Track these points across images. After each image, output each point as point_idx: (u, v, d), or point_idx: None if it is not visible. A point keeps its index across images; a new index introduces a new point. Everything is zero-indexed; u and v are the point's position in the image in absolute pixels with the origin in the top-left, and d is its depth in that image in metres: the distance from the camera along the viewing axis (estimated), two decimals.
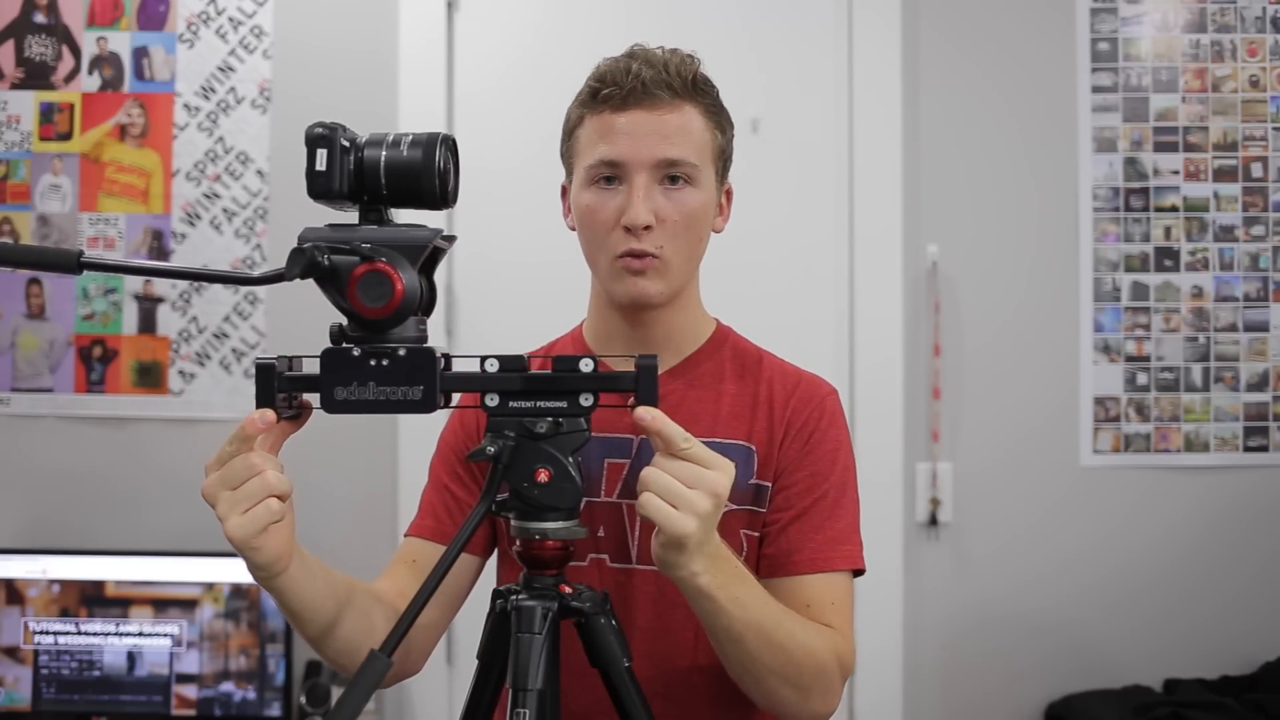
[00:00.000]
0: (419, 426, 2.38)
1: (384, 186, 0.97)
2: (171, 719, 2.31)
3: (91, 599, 2.33)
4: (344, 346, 0.97)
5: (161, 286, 2.51)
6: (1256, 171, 2.52)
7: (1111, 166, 2.52)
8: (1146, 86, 2.52)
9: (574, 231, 1.30)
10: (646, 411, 0.99)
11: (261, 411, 0.97)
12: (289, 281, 0.94)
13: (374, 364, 0.96)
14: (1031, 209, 2.53)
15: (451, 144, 1.00)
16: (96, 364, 2.51)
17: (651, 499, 0.99)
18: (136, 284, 2.52)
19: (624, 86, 1.22)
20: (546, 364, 1.02)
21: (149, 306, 2.51)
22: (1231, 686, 2.40)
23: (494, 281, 2.53)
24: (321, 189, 0.96)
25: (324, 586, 1.10)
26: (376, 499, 2.49)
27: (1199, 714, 2.22)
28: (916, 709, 2.51)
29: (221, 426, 2.43)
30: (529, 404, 1.00)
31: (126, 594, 2.33)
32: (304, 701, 2.30)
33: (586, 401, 1.00)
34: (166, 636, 2.32)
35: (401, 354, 0.96)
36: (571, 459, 1.00)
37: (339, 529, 2.42)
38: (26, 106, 2.52)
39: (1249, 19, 2.52)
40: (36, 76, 2.52)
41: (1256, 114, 2.52)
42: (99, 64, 2.52)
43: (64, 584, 2.34)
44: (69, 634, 2.33)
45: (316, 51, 2.52)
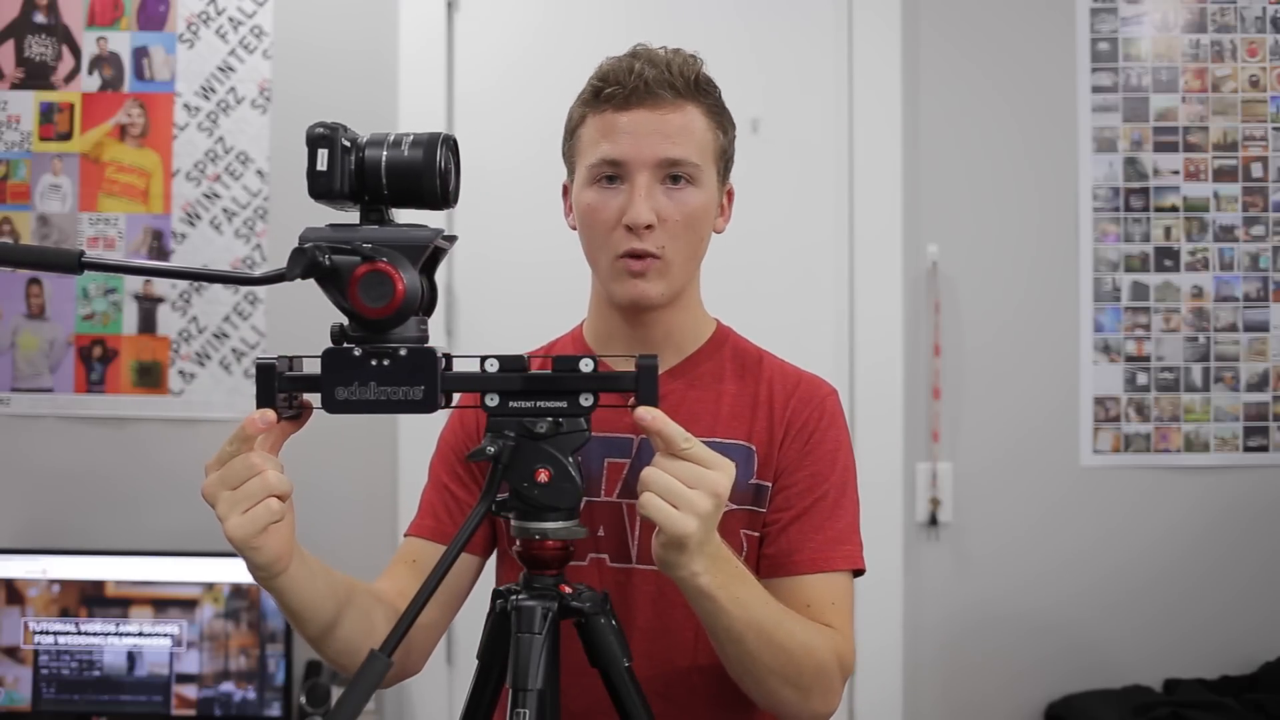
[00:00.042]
0: (419, 426, 2.38)
1: (385, 186, 0.97)
2: (171, 719, 2.32)
3: (91, 599, 2.33)
4: (345, 346, 0.97)
5: (161, 286, 2.51)
6: (1256, 171, 2.52)
7: (1111, 166, 2.52)
8: (1146, 86, 2.52)
9: (575, 231, 1.30)
10: (647, 411, 0.99)
11: (262, 411, 0.97)
12: (290, 281, 0.94)
13: (375, 364, 0.96)
14: (1031, 209, 2.53)
15: (453, 144, 1.00)
16: (96, 364, 2.51)
17: (652, 499, 0.99)
18: (136, 284, 2.52)
19: (627, 86, 1.22)
20: (546, 364, 1.02)
21: (149, 306, 2.51)
22: (1231, 686, 2.40)
23: (494, 281, 2.53)
24: (322, 189, 0.96)
25: (324, 586, 1.10)
26: (376, 499, 2.49)
27: (1199, 714, 2.22)
28: (916, 709, 2.51)
29: (221, 426, 2.43)
30: (529, 404, 1.00)
31: (126, 594, 2.33)
32: (304, 701, 2.30)
33: (586, 401, 1.00)
34: (166, 636, 2.32)
35: (403, 354, 0.96)
36: (571, 459, 1.00)
37: (339, 529, 2.42)
38: (26, 106, 2.52)
39: (1249, 19, 2.52)
40: (36, 76, 2.52)
41: (1256, 114, 2.52)
42: (99, 64, 2.52)
43: (64, 584, 2.34)
44: (69, 634, 2.33)
45: (316, 51, 2.52)
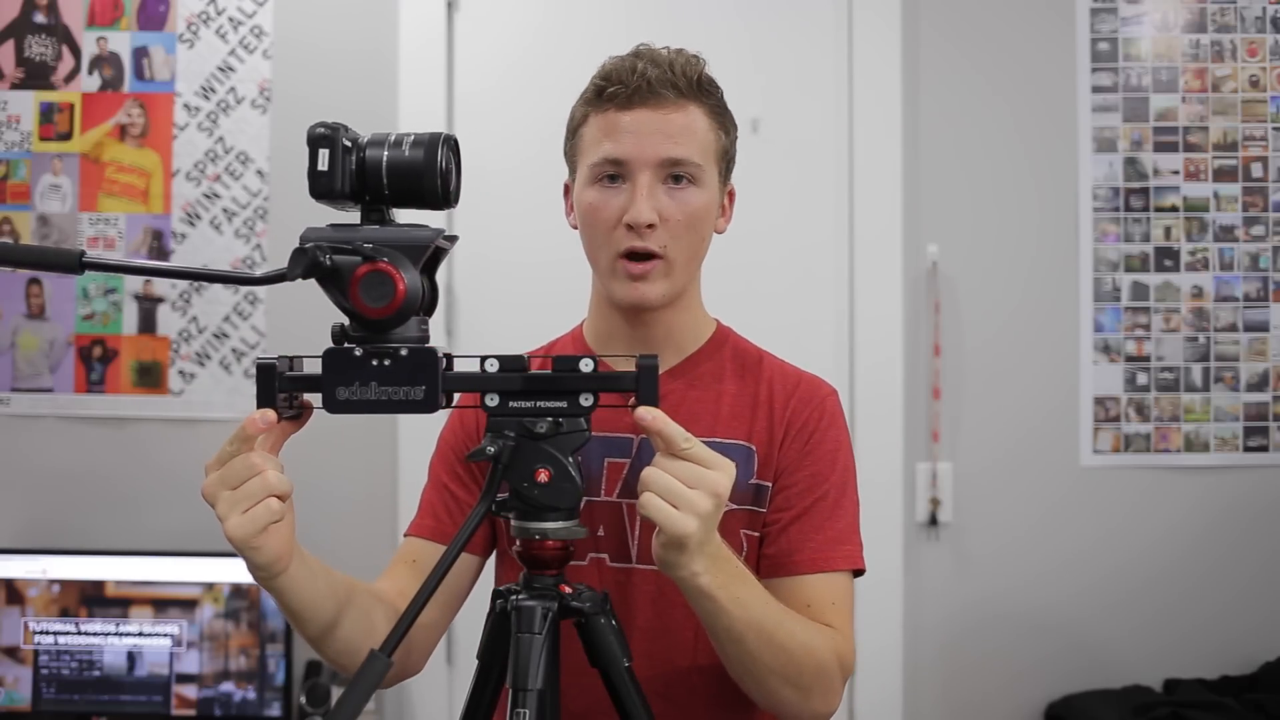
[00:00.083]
0: (419, 426, 2.38)
1: (386, 186, 0.97)
2: (171, 719, 2.32)
3: (91, 599, 2.33)
4: (346, 346, 0.97)
5: (161, 286, 2.51)
6: (1256, 171, 2.52)
7: (1111, 166, 2.52)
8: (1146, 86, 2.52)
9: (576, 230, 1.30)
10: (647, 411, 0.99)
11: (262, 411, 0.97)
12: (291, 281, 0.94)
13: (376, 364, 0.96)
14: (1031, 209, 2.53)
15: (453, 144, 1.00)
16: (96, 364, 2.51)
17: (652, 499, 0.99)
18: (136, 284, 2.52)
19: (629, 85, 1.22)
20: (546, 364, 1.02)
21: (149, 306, 2.51)
22: (1231, 686, 2.40)
23: (494, 281, 2.53)
24: (323, 189, 0.96)
25: (324, 586, 1.10)
26: (376, 499, 2.49)
27: (1199, 714, 2.22)
28: (916, 709, 2.51)
29: (221, 426, 2.43)
30: (529, 404, 1.00)
31: (126, 594, 2.33)
32: (304, 701, 2.30)
33: (586, 401, 1.00)
34: (166, 636, 2.32)
35: (403, 354, 0.96)
36: (571, 459, 1.00)
37: (339, 529, 2.42)
38: (26, 106, 2.52)
39: (1249, 19, 2.52)
40: (36, 76, 2.52)
41: (1256, 114, 2.52)
42: (99, 64, 2.52)
43: (64, 584, 2.34)
44: (69, 634, 2.33)
45: (316, 51, 2.52)
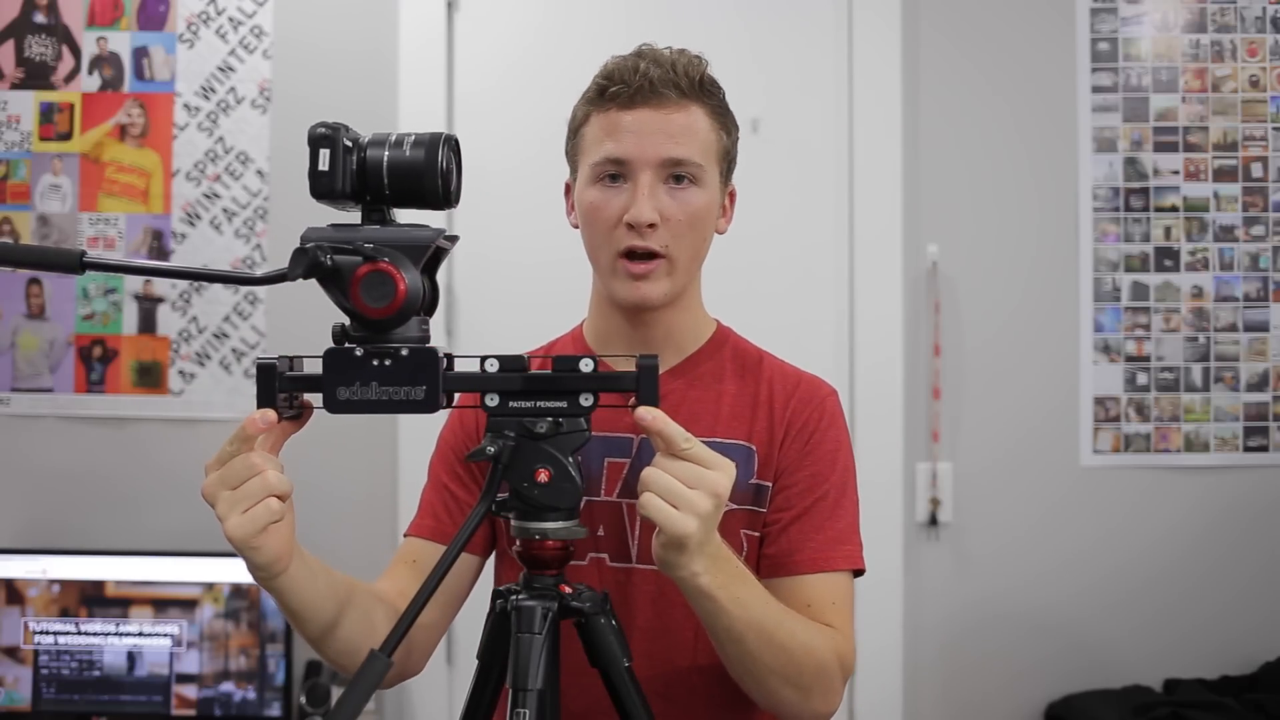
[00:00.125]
0: (419, 426, 2.38)
1: (386, 186, 0.97)
2: (171, 719, 2.32)
3: (91, 599, 2.33)
4: (346, 346, 0.97)
5: (161, 286, 2.51)
6: (1256, 171, 2.52)
7: (1111, 166, 2.52)
8: (1146, 86, 2.52)
9: (576, 229, 1.30)
10: (647, 411, 0.98)
11: (262, 411, 0.97)
12: (291, 281, 0.94)
13: (376, 364, 0.96)
14: (1031, 209, 2.53)
15: (454, 144, 1.00)
16: (96, 364, 2.50)
17: (652, 499, 0.99)
18: (136, 284, 2.52)
19: (631, 85, 1.22)
20: (546, 364, 1.02)
21: (149, 306, 2.51)
22: (1231, 686, 2.40)
23: (494, 281, 2.53)
24: (324, 189, 0.96)
25: (324, 586, 1.10)
26: (376, 499, 2.49)
27: (1199, 714, 2.22)
28: (916, 709, 2.51)
29: (221, 426, 2.43)
30: (529, 404, 1.00)
31: (126, 594, 2.33)
32: (304, 701, 2.30)
33: (586, 401, 1.00)
34: (166, 636, 2.32)
35: (404, 354, 0.96)
36: (571, 459, 1.00)
37: (339, 529, 2.42)
38: (26, 106, 2.52)
39: (1249, 19, 2.52)
40: (36, 76, 2.52)
41: (1256, 114, 2.52)
42: (99, 64, 2.52)
43: (64, 584, 2.34)
44: (69, 634, 2.33)
45: (316, 51, 2.52)
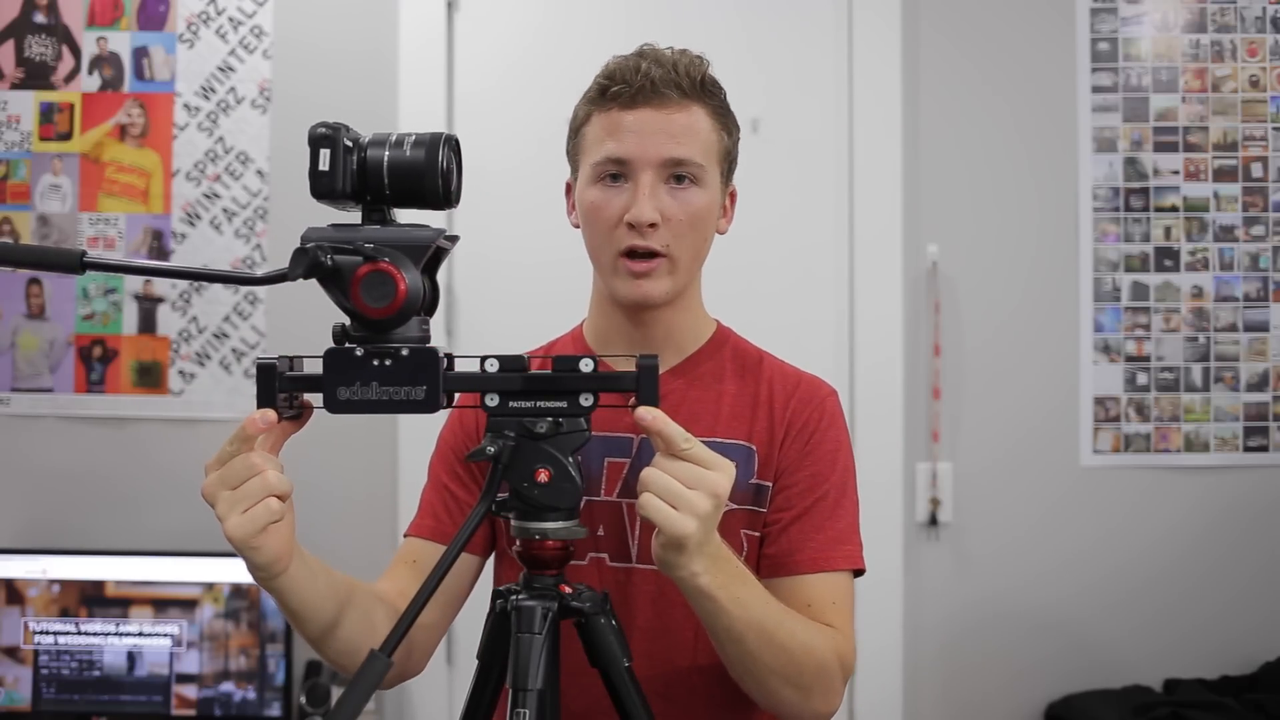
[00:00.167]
0: (419, 426, 2.38)
1: (387, 186, 0.97)
2: (171, 719, 2.32)
3: (91, 599, 2.33)
4: (347, 346, 0.97)
5: (161, 286, 2.51)
6: (1256, 171, 2.52)
7: (1111, 166, 2.52)
8: (1146, 86, 2.52)
9: (577, 229, 1.30)
10: (647, 411, 0.98)
11: (262, 411, 0.97)
12: (292, 281, 0.94)
13: (377, 364, 0.96)
14: (1031, 209, 2.53)
15: (454, 144, 1.00)
16: (96, 364, 2.50)
17: (651, 499, 0.99)
18: (136, 284, 2.52)
19: (633, 85, 1.22)
20: (546, 364, 1.02)
21: (149, 306, 2.51)
22: (1231, 686, 2.40)
23: (494, 281, 2.53)
24: (324, 189, 0.96)
25: (324, 587, 1.10)
26: (376, 499, 2.49)
27: (1199, 714, 2.22)
28: (916, 709, 2.51)
29: (221, 426, 2.43)
30: (529, 404, 1.00)
31: (126, 594, 2.33)
32: (304, 701, 2.30)
33: (586, 401, 1.00)
34: (166, 636, 2.32)
35: (405, 354, 0.96)
36: (571, 459, 1.00)
37: (339, 529, 2.42)
38: (26, 106, 2.52)
39: (1249, 19, 2.52)
40: (36, 76, 2.52)
41: (1256, 114, 2.52)
42: (99, 64, 2.52)
43: (64, 584, 2.34)
44: (69, 634, 2.33)
45: (316, 51, 2.52)
